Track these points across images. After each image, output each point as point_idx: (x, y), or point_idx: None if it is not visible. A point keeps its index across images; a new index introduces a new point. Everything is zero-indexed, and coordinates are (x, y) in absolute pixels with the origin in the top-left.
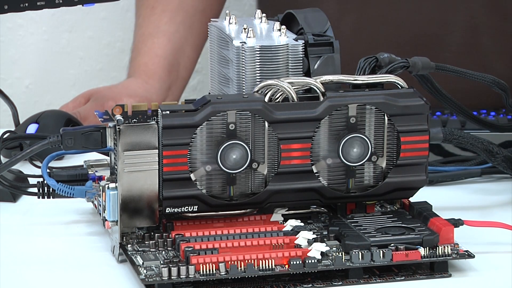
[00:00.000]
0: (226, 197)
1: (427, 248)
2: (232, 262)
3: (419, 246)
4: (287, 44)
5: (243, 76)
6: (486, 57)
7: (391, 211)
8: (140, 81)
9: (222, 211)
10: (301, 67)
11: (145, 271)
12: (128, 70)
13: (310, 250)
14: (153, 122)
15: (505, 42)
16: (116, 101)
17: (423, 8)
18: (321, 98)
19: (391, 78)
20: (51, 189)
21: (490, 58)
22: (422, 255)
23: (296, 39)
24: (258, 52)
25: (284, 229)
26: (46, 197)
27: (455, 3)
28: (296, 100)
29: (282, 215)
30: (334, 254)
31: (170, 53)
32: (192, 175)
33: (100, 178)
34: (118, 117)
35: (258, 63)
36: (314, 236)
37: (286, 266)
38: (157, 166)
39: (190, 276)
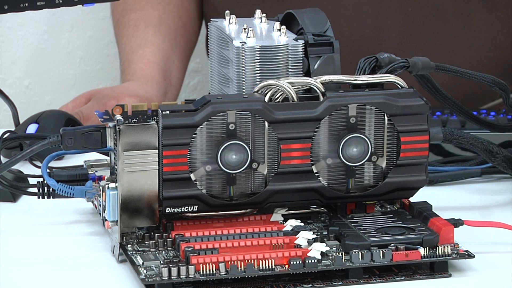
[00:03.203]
0: (226, 197)
1: (427, 248)
2: (232, 262)
3: (419, 246)
4: (287, 44)
5: (243, 76)
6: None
7: (391, 211)
8: (140, 83)
9: (222, 211)
10: (301, 67)
11: (145, 271)
12: (122, 79)
13: (310, 250)
14: (153, 122)
15: (442, 46)
16: (117, 101)
17: (361, 14)
18: (321, 98)
19: (391, 78)
20: (51, 189)
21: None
22: (422, 255)
23: (296, 39)
24: (258, 52)
25: (284, 229)
26: (46, 197)
27: (390, 9)
28: (296, 100)
29: (282, 215)
30: (334, 254)
31: (161, 60)
32: (192, 175)
33: (100, 178)
34: (118, 117)
35: (258, 63)
36: (314, 236)
37: (286, 266)
38: (157, 166)
39: (190, 276)
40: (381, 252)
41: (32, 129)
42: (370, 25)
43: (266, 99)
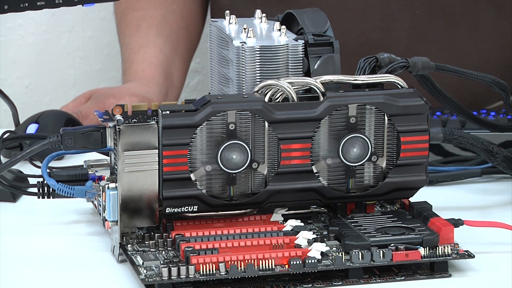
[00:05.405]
0: (226, 197)
1: (427, 248)
2: (232, 262)
3: (419, 246)
4: (287, 44)
5: (243, 76)
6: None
7: (391, 211)
8: (140, 84)
9: (222, 211)
10: (301, 67)
11: (145, 271)
12: (124, 79)
13: (310, 250)
14: (153, 122)
15: (450, 48)
16: (117, 99)
17: (368, 16)
18: (321, 98)
19: (391, 78)
20: (51, 189)
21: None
22: (422, 255)
23: (296, 39)
24: (258, 52)
25: (284, 229)
26: (46, 197)
27: (398, 11)
28: (296, 100)
29: (282, 215)
30: (334, 254)
31: (163, 61)
32: (192, 175)
33: (100, 178)
34: (118, 117)
35: (258, 63)
36: (314, 236)
37: (286, 266)
38: (157, 166)
39: (190, 276)
40: (381, 252)
41: (32, 129)
42: (377, 28)
43: (266, 99)
